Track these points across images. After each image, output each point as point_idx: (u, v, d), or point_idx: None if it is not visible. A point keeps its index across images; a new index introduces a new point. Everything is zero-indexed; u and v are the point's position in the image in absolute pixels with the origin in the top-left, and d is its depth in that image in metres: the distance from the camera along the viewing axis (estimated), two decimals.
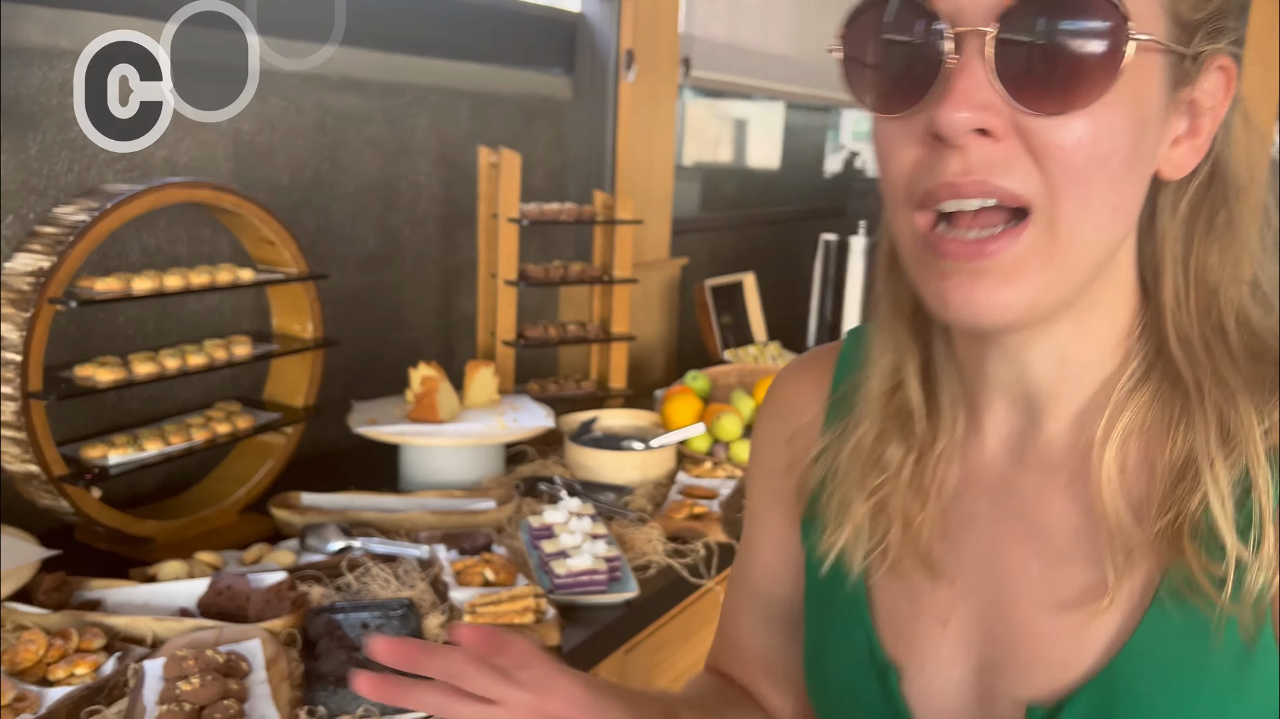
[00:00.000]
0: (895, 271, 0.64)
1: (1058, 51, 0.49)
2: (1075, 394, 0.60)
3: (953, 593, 0.64)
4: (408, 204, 2.05)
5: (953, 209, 0.51)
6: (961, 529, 0.64)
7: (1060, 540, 0.60)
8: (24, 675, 1.07)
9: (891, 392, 0.66)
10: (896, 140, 0.53)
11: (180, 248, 1.67)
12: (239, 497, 1.56)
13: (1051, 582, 0.60)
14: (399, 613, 1.27)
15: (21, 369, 1.25)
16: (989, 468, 0.64)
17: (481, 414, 1.74)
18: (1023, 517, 0.62)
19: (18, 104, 1.42)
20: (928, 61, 0.51)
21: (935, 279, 0.53)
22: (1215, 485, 0.53)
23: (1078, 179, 0.50)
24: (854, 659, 0.67)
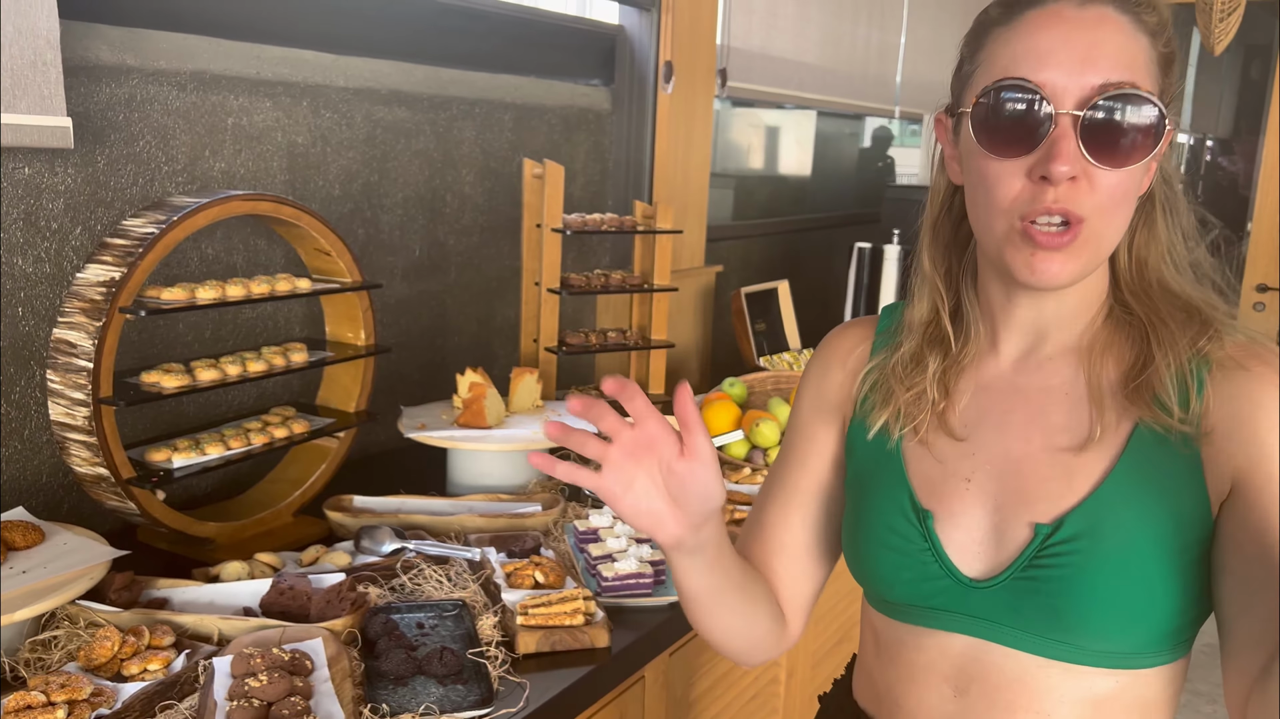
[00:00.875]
0: (935, 243, 0.94)
1: (1122, 132, 0.79)
2: (1070, 327, 0.89)
3: (974, 460, 0.89)
4: (453, 214, 2.10)
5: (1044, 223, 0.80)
6: (981, 417, 0.91)
7: (1054, 417, 0.88)
8: (99, 671, 1.12)
9: (927, 323, 0.94)
10: (1006, 175, 0.81)
11: (237, 257, 1.72)
12: (294, 499, 1.61)
13: (1049, 442, 0.87)
14: (453, 613, 1.31)
15: (93, 376, 1.31)
16: (1003, 377, 0.91)
17: (526, 419, 1.78)
18: (1026, 405, 0.89)
19: (87, 120, 1.48)
20: (1036, 127, 0.79)
21: (1026, 255, 0.80)
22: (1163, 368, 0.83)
23: (1113, 204, 0.80)
24: (896, 511, 0.91)
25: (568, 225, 1.92)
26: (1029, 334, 0.90)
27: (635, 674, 1.36)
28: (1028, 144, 0.79)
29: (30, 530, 1.28)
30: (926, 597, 0.89)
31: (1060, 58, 0.79)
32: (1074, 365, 0.89)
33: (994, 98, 0.80)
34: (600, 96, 2.46)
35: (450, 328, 2.15)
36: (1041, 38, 0.80)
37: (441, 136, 2.05)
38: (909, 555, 0.89)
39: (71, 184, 1.48)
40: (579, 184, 2.42)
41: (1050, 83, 0.79)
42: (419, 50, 2.00)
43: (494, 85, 2.15)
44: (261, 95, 1.72)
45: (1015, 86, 0.79)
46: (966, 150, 0.85)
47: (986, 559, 0.87)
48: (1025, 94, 0.79)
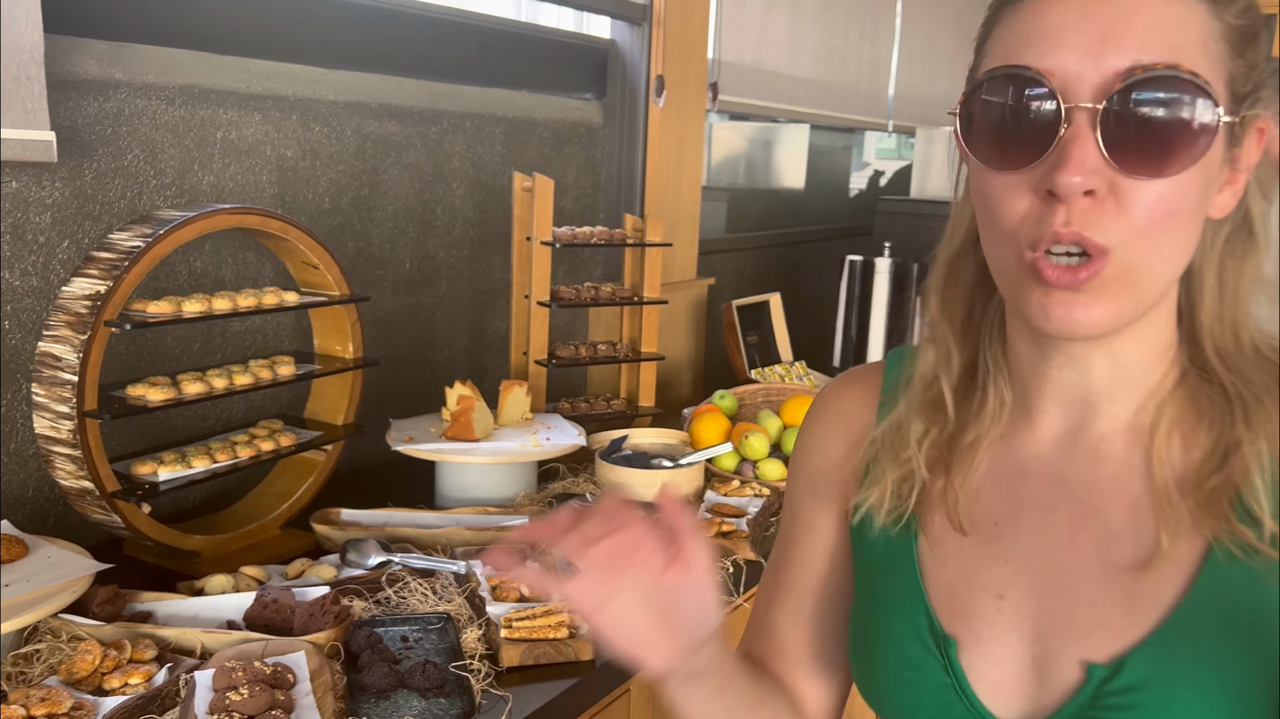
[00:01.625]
0: (951, 283, 0.75)
1: (1158, 128, 0.60)
2: (1126, 396, 0.69)
3: (1008, 570, 0.71)
4: (443, 227, 2.11)
5: (1058, 252, 0.62)
6: (1016, 513, 0.72)
7: (1110, 519, 0.68)
8: (80, 684, 1.12)
9: (931, 381, 0.76)
10: (1010, 192, 0.64)
11: (225, 270, 1.73)
12: (281, 512, 1.61)
13: (1104, 553, 0.68)
14: (437, 626, 1.31)
15: (78, 389, 1.31)
16: (1042, 460, 0.72)
17: (515, 432, 1.78)
18: (1075, 501, 0.70)
19: (74, 133, 1.49)
20: (1043, 129, 0.61)
21: (1038, 296, 0.63)
22: (1252, 462, 0.64)
23: (1155, 227, 0.61)
24: (910, 633, 0.73)
25: (557, 238, 1.92)
26: (1073, 403, 0.71)
27: (620, 687, 1.35)
28: (1033, 150, 0.62)
29: (14, 544, 1.28)
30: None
31: (1073, 37, 0.61)
32: (1133, 448, 0.69)
33: (986, 92, 0.64)
34: (592, 110, 2.47)
35: (440, 340, 2.15)
36: (1052, 14, 0.62)
37: (432, 150, 2.05)
38: (927, 692, 0.72)
39: (59, 198, 1.48)
40: (570, 197, 2.42)
41: (1060, 69, 0.61)
42: (410, 64, 2.01)
43: (485, 99, 2.16)
44: (251, 109, 1.72)
45: (1013, 75, 0.62)
46: (970, 163, 0.68)
47: (1025, 700, 0.69)
48: (1026, 84, 0.62)
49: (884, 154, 4.63)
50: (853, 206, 4.20)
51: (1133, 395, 0.69)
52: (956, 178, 0.75)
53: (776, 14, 2.96)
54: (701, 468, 1.84)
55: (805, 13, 3.11)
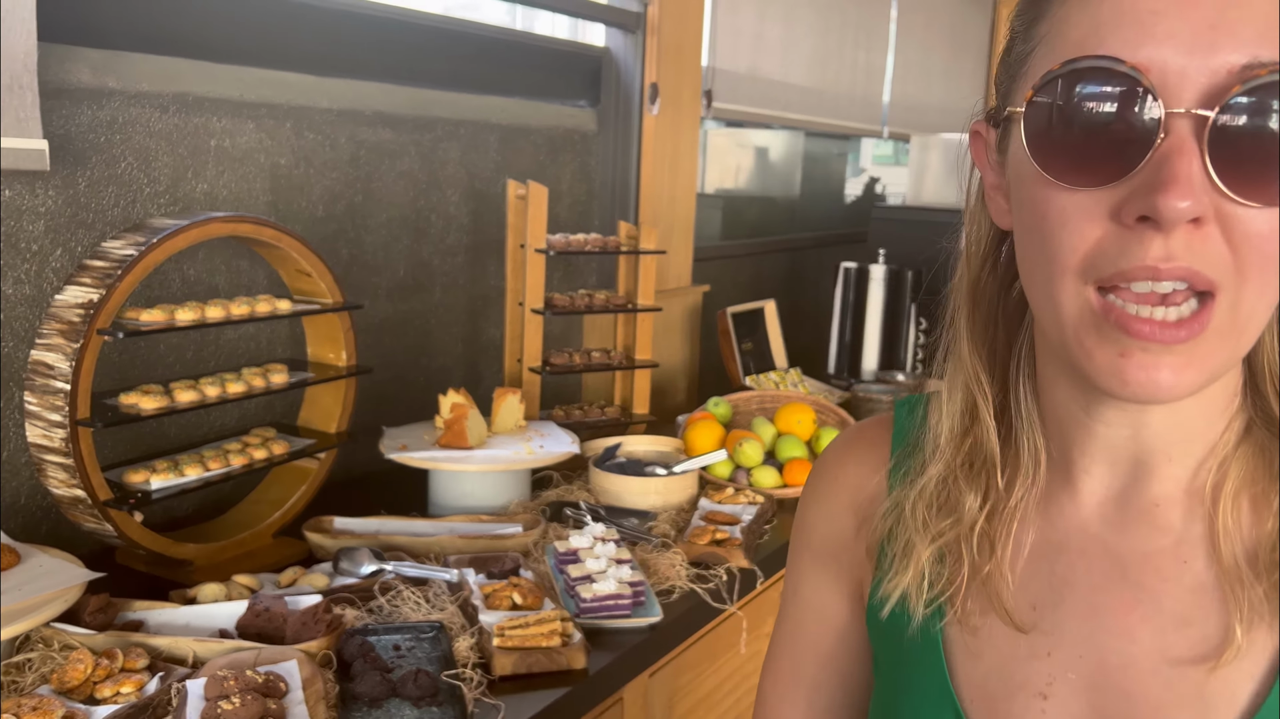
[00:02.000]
0: (978, 314, 0.64)
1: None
2: (1185, 455, 0.59)
3: (1051, 664, 0.60)
4: (438, 235, 2.11)
5: (1145, 290, 0.50)
6: (1057, 595, 0.61)
7: (1172, 603, 0.58)
8: (72, 694, 1.11)
9: (963, 435, 0.65)
10: (1079, 213, 0.52)
11: (219, 278, 1.73)
12: (274, 520, 1.60)
13: (1166, 645, 0.57)
14: (430, 635, 1.31)
15: (70, 397, 1.30)
16: (1085, 530, 0.62)
17: (509, 440, 1.78)
18: (1127, 581, 0.59)
19: (68, 142, 1.49)
20: (1135, 139, 0.49)
21: (1113, 355, 0.52)
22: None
23: (1267, 265, 0.50)
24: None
25: (551, 246, 1.92)
26: (1121, 463, 0.60)
27: (614, 696, 1.35)
28: (1118, 165, 0.50)
29: (6, 553, 1.28)
30: None
31: (1174, 24, 0.49)
32: (1194, 516, 0.58)
33: (1063, 89, 0.52)
34: (586, 118, 2.47)
35: (435, 348, 2.15)
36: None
37: (426, 157, 2.06)
38: None
39: (52, 206, 1.48)
40: (565, 204, 2.43)
41: (1158, 64, 0.49)
42: (404, 72, 2.01)
43: (479, 106, 2.16)
44: (244, 117, 1.73)
45: (1099, 70, 0.50)
46: (1018, 175, 0.56)
47: None
48: (1116, 82, 0.50)
49: (880, 160, 4.64)
50: (848, 213, 4.21)
51: (1192, 453, 0.58)
52: (967, 190, 0.65)
53: (771, 21, 2.97)
54: (695, 475, 1.84)
55: (799, 20, 3.12)
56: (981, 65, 4.39)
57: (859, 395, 2.42)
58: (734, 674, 1.68)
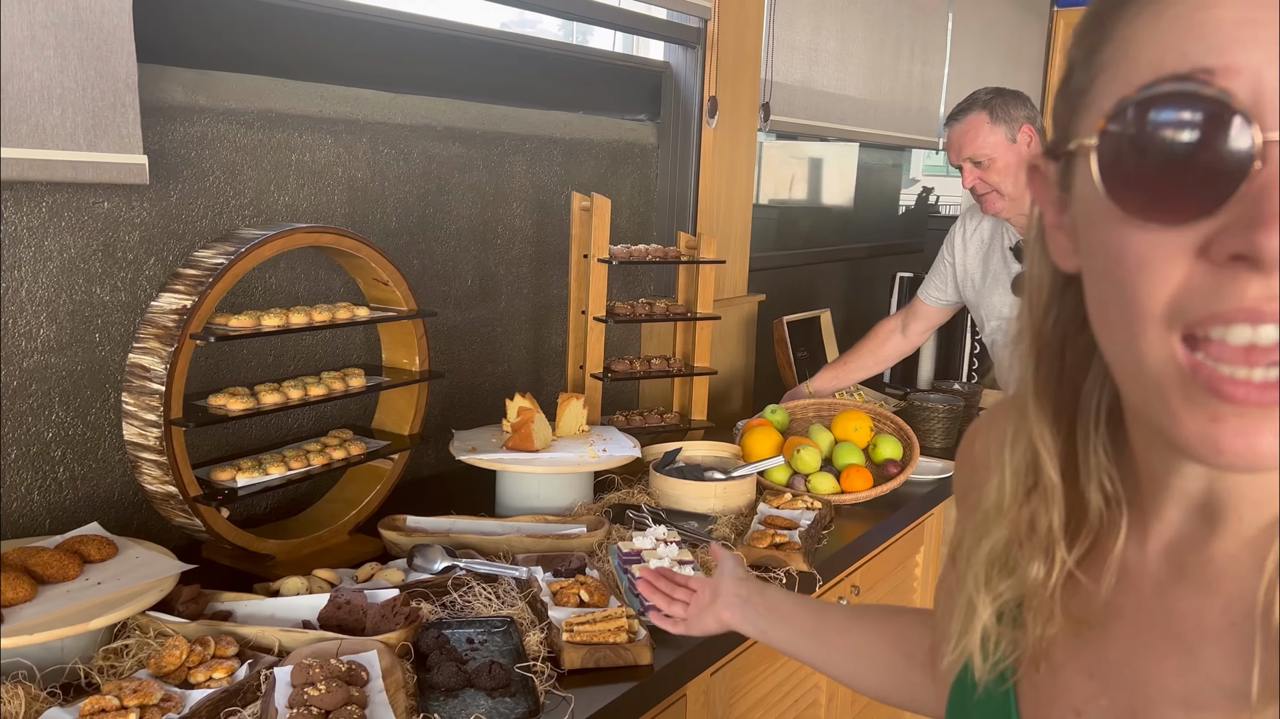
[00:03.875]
0: (1042, 366, 0.60)
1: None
2: (1256, 515, 0.54)
3: (1091, 685, 0.60)
4: (504, 245, 2.17)
5: (1243, 340, 0.44)
6: (1106, 619, 0.60)
7: (1207, 662, 0.55)
8: (168, 678, 1.18)
9: (1027, 494, 0.61)
10: (1161, 252, 0.46)
11: (299, 286, 1.80)
12: (350, 518, 1.67)
13: (1191, 697, 0.55)
14: (501, 629, 1.36)
15: (165, 398, 1.38)
16: (1145, 571, 0.59)
17: (573, 444, 1.84)
18: (1169, 627, 0.57)
19: (161, 157, 1.57)
20: (1227, 169, 0.44)
21: (1204, 421, 0.46)
22: None
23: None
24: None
25: (614, 256, 1.98)
26: (1190, 512, 0.57)
27: (677, 692, 1.39)
28: (1207, 199, 0.45)
29: (105, 544, 1.36)
30: None
31: (1267, 34, 0.43)
32: (1254, 575, 0.53)
33: (1139, 116, 0.46)
34: (646, 131, 2.53)
35: (500, 354, 2.21)
36: (1224, 8, 0.44)
37: (494, 171, 2.12)
38: None
39: (147, 217, 1.57)
40: (625, 216, 2.48)
41: (1250, 81, 0.44)
42: (473, 88, 2.08)
43: (544, 121, 2.23)
44: (324, 132, 1.80)
45: (1181, 93, 0.45)
46: (1088, 214, 0.51)
47: None
48: (1202, 106, 0.44)
49: (931, 171, 4.65)
50: (902, 223, 4.22)
51: (1263, 514, 0.53)
52: (1029, 235, 0.60)
53: (826, 35, 3.01)
54: (753, 481, 1.88)
55: (854, 34, 3.15)
56: (1037, 76, 4.38)
57: (914, 404, 2.45)
58: (792, 676, 1.72)
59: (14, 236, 1.42)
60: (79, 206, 1.48)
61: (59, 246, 1.47)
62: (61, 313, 1.49)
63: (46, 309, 1.47)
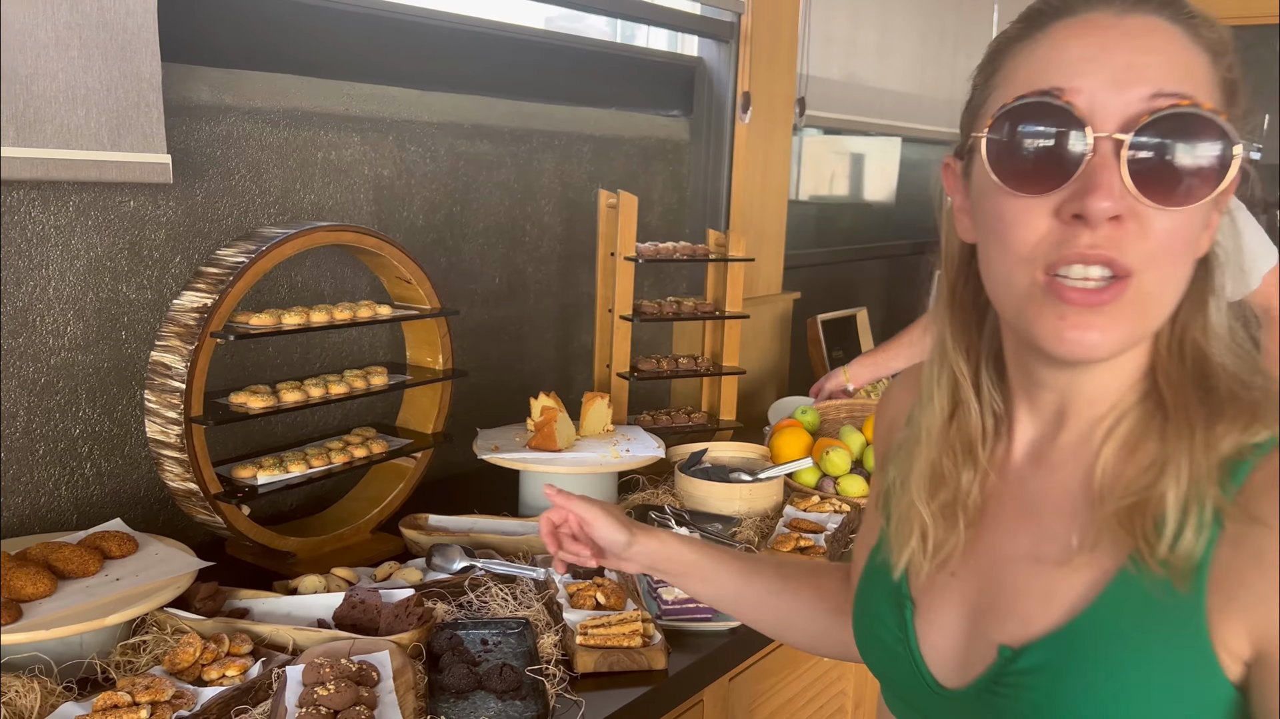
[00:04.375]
0: (956, 317, 0.79)
1: (1182, 159, 0.63)
2: (1091, 412, 0.73)
3: (964, 553, 0.79)
4: (532, 243, 2.16)
5: (1079, 274, 0.64)
6: (983, 506, 0.79)
7: (1047, 520, 0.74)
8: (182, 675, 1.19)
9: (948, 421, 0.80)
10: (1027, 215, 0.66)
11: (325, 285, 1.81)
12: (372, 516, 1.67)
13: (1036, 550, 0.73)
14: (516, 631, 1.35)
15: (185, 396, 1.39)
16: (1012, 466, 0.78)
17: (596, 443, 1.82)
18: (1024, 498, 0.76)
19: (187, 156, 1.58)
20: (1069, 156, 0.64)
21: (1053, 319, 0.65)
22: (1174, 482, 0.65)
23: (1169, 255, 0.65)
24: (886, 592, 0.84)
25: (640, 254, 1.96)
26: (1047, 415, 0.76)
27: (693, 697, 1.38)
28: (1057, 176, 0.64)
29: (125, 541, 1.37)
30: (906, 692, 0.82)
31: (1098, 67, 0.64)
32: (1082, 457, 0.73)
33: (1014, 118, 0.66)
34: (679, 127, 2.50)
35: (529, 353, 2.21)
36: (1073, 46, 0.65)
37: (522, 168, 2.12)
38: (887, 646, 0.83)
39: (172, 216, 1.58)
40: (656, 213, 2.46)
41: (1086, 97, 0.64)
42: (502, 85, 2.08)
43: (574, 118, 2.21)
44: (350, 131, 1.81)
45: (1041, 104, 0.65)
46: (980, 191, 0.70)
47: (956, 668, 0.77)
48: (1054, 112, 0.64)
49: None
50: None
51: (1095, 408, 0.73)
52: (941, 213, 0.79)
53: (866, 28, 2.96)
54: (781, 483, 1.85)
55: (895, 26, 3.10)
56: None
57: None
58: (816, 682, 1.69)
59: (41, 235, 1.44)
60: (105, 205, 1.50)
61: (86, 245, 1.49)
62: (88, 310, 1.51)
63: (74, 307, 1.49)
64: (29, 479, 1.48)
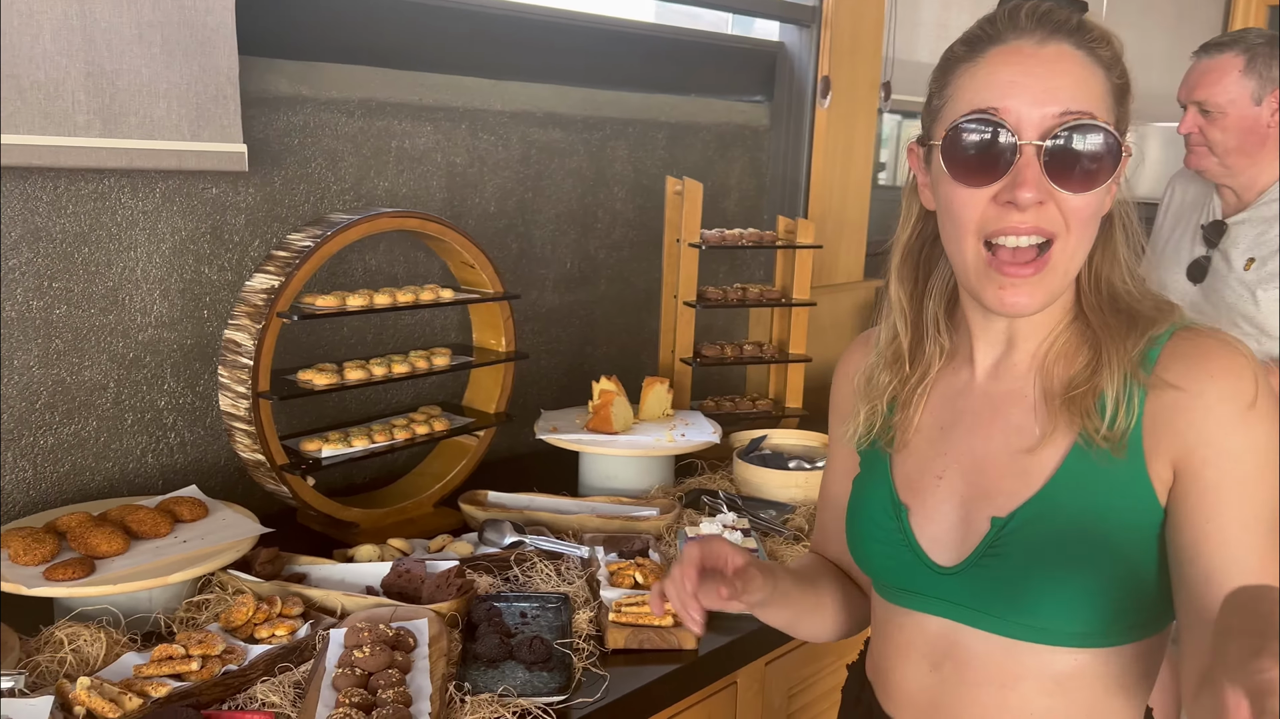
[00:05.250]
0: (905, 264, 1.01)
1: (1082, 158, 0.86)
2: (1034, 336, 0.96)
3: (946, 459, 0.99)
4: (604, 229, 2.20)
5: (1011, 244, 0.87)
6: (955, 421, 1.00)
7: (1014, 419, 0.96)
8: (236, 632, 1.27)
9: (891, 341, 1.03)
10: (973, 200, 0.88)
11: (398, 269, 1.89)
12: (434, 491, 1.74)
13: (1008, 442, 0.95)
14: (554, 605, 1.39)
15: (253, 372, 1.48)
16: (976, 384, 1.00)
17: (653, 427, 1.85)
18: (992, 409, 0.98)
19: (266, 145, 1.67)
20: (1002, 157, 0.86)
21: (995, 289, 0.89)
22: (1108, 374, 0.89)
23: (1079, 224, 0.87)
24: (879, 505, 1.02)
25: (705, 240, 1.97)
26: (999, 344, 0.98)
27: (725, 679, 1.39)
28: (995, 172, 0.86)
29: (197, 506, 1.47)
30: (906, 581, 0.99)
31: (1022, 90, 0.86)
32: (1033, 368, 0.96)
33: (961, 129, 0.87)
34: (758, 113, 2.50)
35: (598, 337, 2.24)
36: (1004, 72, 0.87)
37: (595, 155, 2.15)
38: (890, 545, 1.00)
39: (252, 202, 1.67)
40: (734, 199, 2.46)
41: (1013, 113, 0.85)
42: (576, 74, 2.11)
43: (648, 105, 2.23)
44: (423, 120, 1.87)
45: (980, 119, 0.86)
46: (937, 177, 0.92)
47: (953, 549, 0.96)
48: (990, 125, 0.86)
49: None
50: None
51: (1038, 334, 0.95)
52: (906, 184, 1.01)
53: (956, 10, 2.88)
54: None
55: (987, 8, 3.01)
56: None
57: None
58: None
59: (130, 220, 1.55)
60: (189, 192, 1.60)
61: (171, 229, 1.59)
62: (173, 290, 1.61)
63: (160, 287, 1.60)
64: (118, 446, 1.60)
